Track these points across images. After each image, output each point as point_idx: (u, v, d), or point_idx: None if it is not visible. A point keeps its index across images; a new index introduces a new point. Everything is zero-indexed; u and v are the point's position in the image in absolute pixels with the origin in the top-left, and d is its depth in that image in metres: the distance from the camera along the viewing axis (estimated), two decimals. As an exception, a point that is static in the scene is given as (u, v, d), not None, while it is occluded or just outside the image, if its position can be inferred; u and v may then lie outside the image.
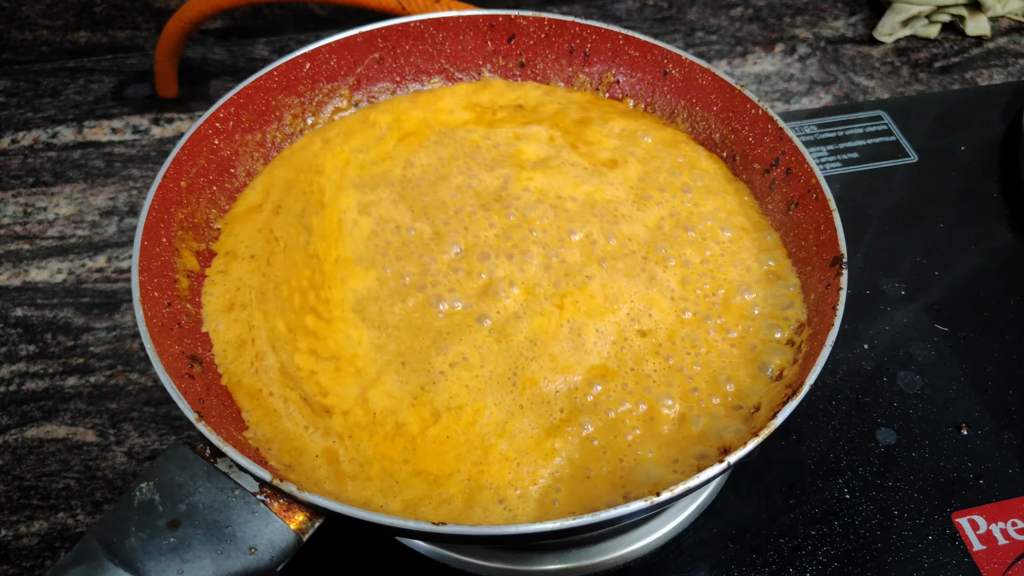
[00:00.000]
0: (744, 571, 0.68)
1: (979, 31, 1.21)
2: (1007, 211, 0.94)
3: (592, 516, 0.49)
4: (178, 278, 0.66)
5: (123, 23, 1.17)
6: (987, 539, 0.69)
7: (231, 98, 0.73)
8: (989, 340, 0.82)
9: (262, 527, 0.51)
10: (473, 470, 0.57)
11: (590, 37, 0.80)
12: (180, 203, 0.69)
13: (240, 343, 0.64)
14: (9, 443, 0.81)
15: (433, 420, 0.59)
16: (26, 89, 1.14)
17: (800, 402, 0.53)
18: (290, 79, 0.77)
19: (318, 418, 0.60)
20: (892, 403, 0.78)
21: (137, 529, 0.50)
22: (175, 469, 0.52)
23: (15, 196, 1.02)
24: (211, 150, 0.72)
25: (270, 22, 1.20)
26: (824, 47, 1.21)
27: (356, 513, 0.50)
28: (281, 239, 0.69)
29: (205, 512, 0.51)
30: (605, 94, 0.82)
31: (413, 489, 0.56)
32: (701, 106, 0.77)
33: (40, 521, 0.76)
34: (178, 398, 0.54)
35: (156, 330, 0.59)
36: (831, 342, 0.56)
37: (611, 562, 0.69)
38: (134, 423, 0.82)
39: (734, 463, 0.51)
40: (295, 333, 0.64)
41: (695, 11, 1.27)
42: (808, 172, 0.68)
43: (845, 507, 0.72)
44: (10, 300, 0.92)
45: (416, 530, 0.50)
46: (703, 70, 0.75)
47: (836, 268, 0.61)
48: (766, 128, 0.72)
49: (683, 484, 0.50)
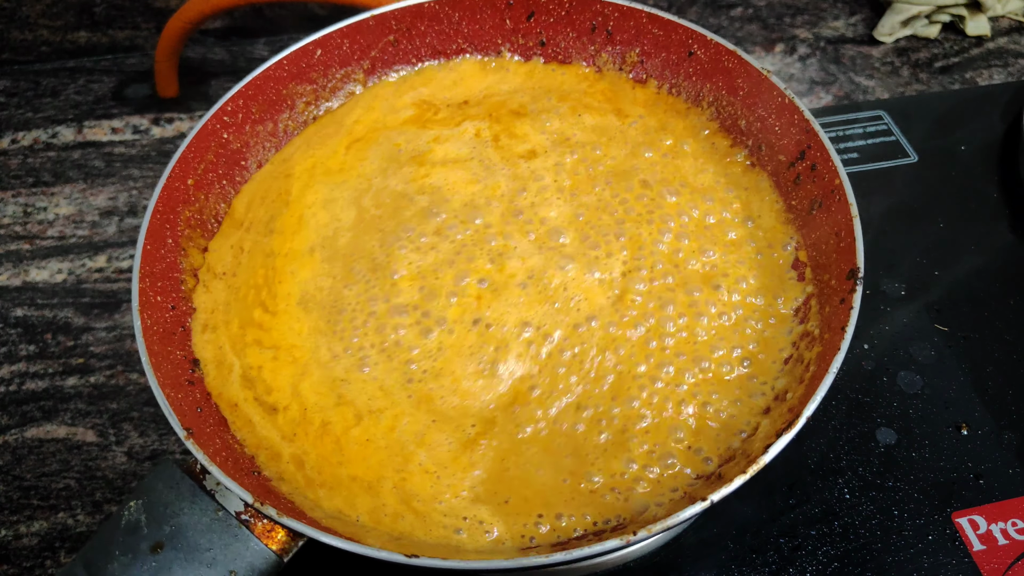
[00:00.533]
0: (744, 571, 0.68)
1: (979, 31, 1.21)
2: (1007, 211, 0.94)
3: (566, 554, 0.48)
4: (184, 279, 0.66)
5: (123, 23, 1.17)
6: (987, 539, 0.69)
7: (240, 90, 0.72)
8: (989, 340, 0.82)
9: (242, 551, 0.51)
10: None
11: (612, 15, 0.77)
12: (187, 201, 0.68)
13: (217, 362, 0.64)
14: (9, 443, 0.81)
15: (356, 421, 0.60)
16: (26, 89, 1.14)
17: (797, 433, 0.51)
18: (301, 67, 0.76)
19: (271, 418, 0.60)
20: (892, 403, 0.78)
21: (120, 553, 0.50)
22: (163, 488, 0.53)
23: (15, 196, 1.02)
24: (219, 144, 0.72)
25: (270, 22, 1.20)
26: (824, 47, 1.21)
27: (335, 542, 0.49)
28: (247, 249, 0.70)
29: (188, 534, 0.51)
30: (629, 74, 0.79)
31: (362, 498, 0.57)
32: (727, 90, 0.74)
33: (40, 521, 0.76)
34: (169, 414, 0.53)
35: (156, 338, 0.59)
36: (835, 368, 0.53)
37: (611, 562, 0.69)
38: (134, 423, 0.82)
39: (718, 501, 0.50)
40: (245, 329, 0.64)
41: (695, 11, 1.27)
42: (832, 171, 0.64)
43: (845, 507, 0.72)
44: (10, 300, 0.92)
45: (390, 561, 0.49)
46: (729, 52, 0.72)
47: (851, 283, 0.58)
48: (792, 119, 0.69)
49: (660, 523, 0.49)
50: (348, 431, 0.59)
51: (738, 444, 0.58)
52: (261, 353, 0.63)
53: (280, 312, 0.65)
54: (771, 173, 0.72)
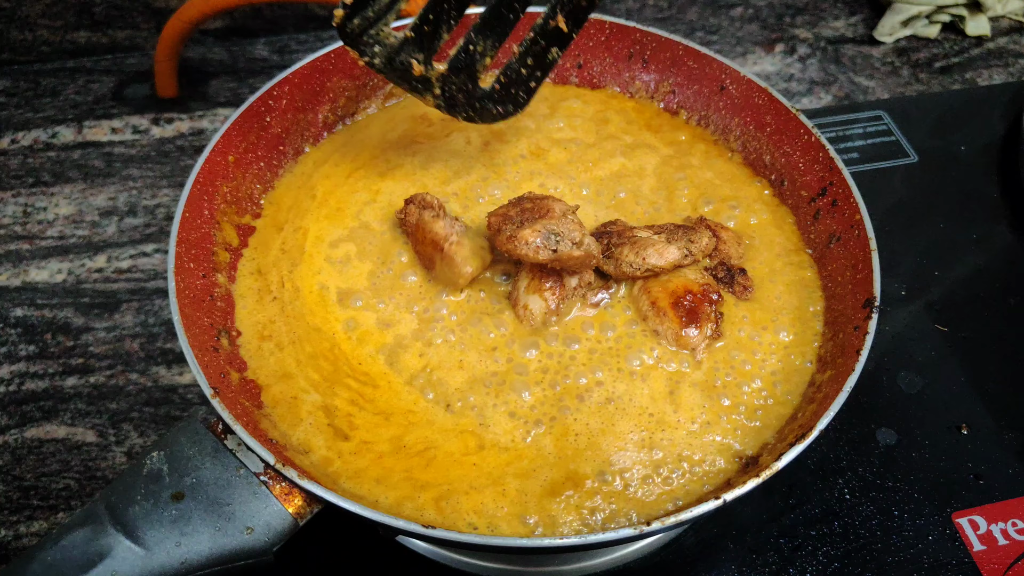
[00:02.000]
0: (744, 571, 0.68)
1: (979, 31, 1.21)
2: (1007, 211, 0.94)
3: (580, 538, 0.50)
4: (216, 251, 0.67)
5: (123, 23, 1.17)
6: (987, 539, 0.69)
7: (286, 76, 0.74)
8: (989, 340, 0.82)
9: (260, 509, 0.52)
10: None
11: (650, 44, 0.80)
12: (226, 177, 0.70)
13: (262, 335, 0.64)
14: (9, 443, 0.81)
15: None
16: (26, 89, 1.14)
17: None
18: (347, 61, 0.77)
19: (336, 442, 0.60)
20: (892, 403, 0.78)
21: (142, 498, 0.52)
22: (186, 442, 0.54)
23: (15, 196, 1.02)
24: (262, 126, 0.73)
25: (270, 22, 1.20)
26: (824, 47, 1.21)
27: (351, 507, 0.51)
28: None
29: (208, 488, 0.53)
30: (660, 104, 0.81)
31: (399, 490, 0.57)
32: (755, 126, 0.76)
33: (40, 521, 0.76)
34: (197, 372, 0.55)
35: (187, 301, 0.61)
36: (849, 387, 0.56)
37: (612, 562, 0.69)
38: (134, 423, 0.82)
39: (731, 500, 0.51)
40: (332, 385, 0.62)
41: (695, 11, 1.27)
42: (854, 207, 0.67)
43: (845, 507, 0.72)
44: (10, 300, 0.92)
45: (406, 530, 0.50)
46: (760, 89, 0.75)
47: (867, 311, 0.60)
48: (817, 156, 0.71)
49: (674, 517, 0.51)
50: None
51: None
52: (360, 413, 0.61)
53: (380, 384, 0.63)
54: (792, 207, 0.73)
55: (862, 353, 0.57)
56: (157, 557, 0.50)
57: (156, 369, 0.86)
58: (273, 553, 0.53)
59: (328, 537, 0.70)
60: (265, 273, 0.68)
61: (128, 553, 0.50)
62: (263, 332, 0.65)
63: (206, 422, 0.56)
